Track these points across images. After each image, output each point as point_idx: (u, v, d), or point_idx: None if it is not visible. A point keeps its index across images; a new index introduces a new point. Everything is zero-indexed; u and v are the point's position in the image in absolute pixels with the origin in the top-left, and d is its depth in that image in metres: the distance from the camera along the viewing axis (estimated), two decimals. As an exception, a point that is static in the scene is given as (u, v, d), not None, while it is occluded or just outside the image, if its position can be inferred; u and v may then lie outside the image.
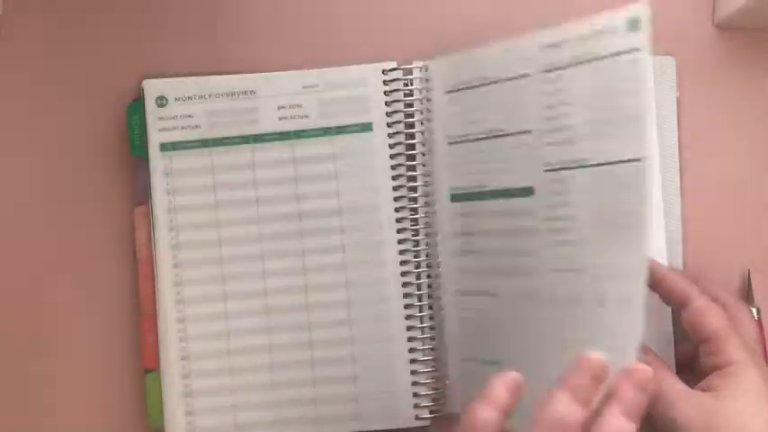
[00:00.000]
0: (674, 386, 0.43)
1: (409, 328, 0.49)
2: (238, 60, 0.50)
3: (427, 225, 0.49)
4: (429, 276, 0.49)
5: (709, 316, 0.44)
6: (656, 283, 0.46)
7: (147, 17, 0.51)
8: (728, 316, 0.45)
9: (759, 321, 0.49)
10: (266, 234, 0.49)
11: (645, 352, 0.46)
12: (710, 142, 0.51)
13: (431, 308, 0.49)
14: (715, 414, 0.42)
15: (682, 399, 0.42)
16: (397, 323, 0.49)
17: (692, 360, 0.46)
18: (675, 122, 0.50)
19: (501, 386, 0.38)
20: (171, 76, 0.49)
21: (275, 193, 0.49)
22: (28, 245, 0.50)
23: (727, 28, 0.51)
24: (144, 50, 0.51)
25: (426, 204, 0.49)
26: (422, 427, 0.49)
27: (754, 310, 0.49)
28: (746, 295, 0.50)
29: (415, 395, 0.48)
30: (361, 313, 0.49)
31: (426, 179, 0.49)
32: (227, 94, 0.49)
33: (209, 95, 0.49)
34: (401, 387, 0.48)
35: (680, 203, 0.50)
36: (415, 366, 0.49)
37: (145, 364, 0.49)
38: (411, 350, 0.49)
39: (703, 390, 0.43)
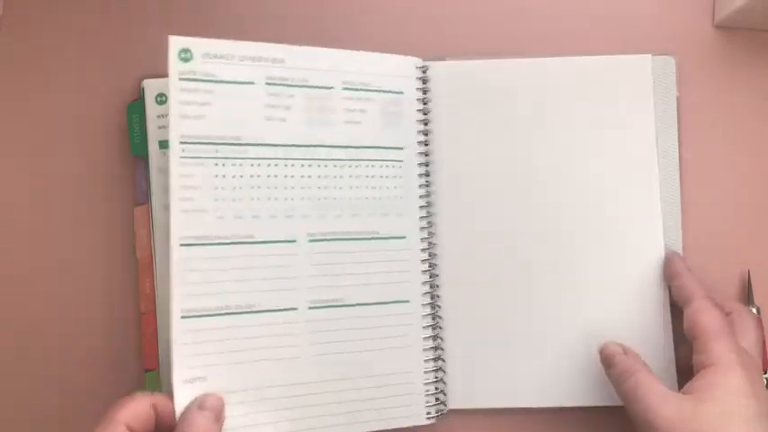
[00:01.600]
0: (653, 389, 0.43)
1: (425, 327, 0.48)
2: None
3: (428, 224, 0.49)
4: (431, 276, 0.49)
5: (705, 315, 0.44)
6: (670, 278, 0.47)
7: (147, 17, 0.51)
8: (730, 320, 0.45)
9: (758, 321, 0.49)
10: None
11: (625, 352, 0.46)
12: (710, 142, 0.51)
13: (432, 307, 0.49)
14: (692, 417, 0.41)
15: (660, 403, 0.42)
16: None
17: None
18: (675, 122, 0.50)
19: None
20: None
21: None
22: (28, 243, 0.50)
23: (727, 28, 0.51)
24: (144, 50, 0.51)
25: (428, 204, 0.49)
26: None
27: (753, 310, 0.49)
28: (746, 295, 0.50)
29: (428, 393, 0.48)
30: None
31: (427, 179, 0.49)
32: None
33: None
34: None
35: (680, 203, 0.50)
36: (427, 365, 0.48)
37: (144, 363, 0.49)
38: (425, 349, 0.48)
39: (686, 392, 0.43)
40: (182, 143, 0.43)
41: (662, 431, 0.41)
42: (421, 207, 0.48)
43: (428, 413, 0.48)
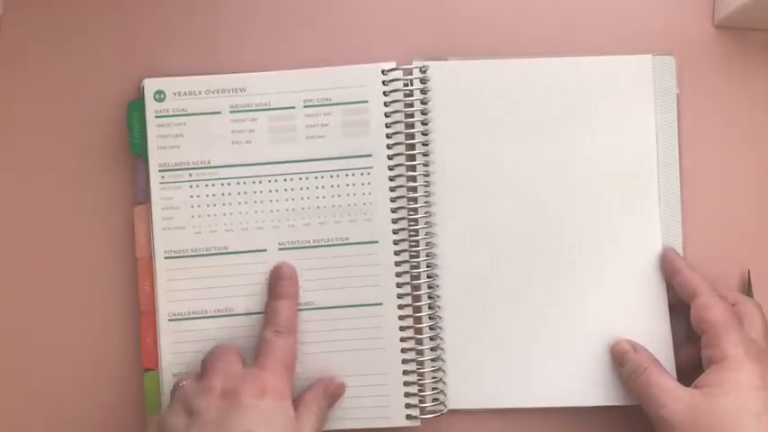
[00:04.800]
0: (664, 385, 0.44)
1: (402, 329, 0.48)
2: (236, 61, 0.51)
3: (427, 225, 0.49)
4: (429, 277, 0.49)
5: (713, 310, 0.44)
6: (671, 275, 0.47)
7: (147, 17, 0.51)
8: (737, 311, 0.45)
9: (762, 311, 0.49)
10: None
11: (636, 349, 0.46)
12: (710, 142, 0.51)
13: (430, 308, 0.49)
14: (704, 412, 0.42)
15: (671, 398, 0.43)
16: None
17: (697, 362, 0.47)
18: (675, 122, 0.50)
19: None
20: (170, 77, 0.50)
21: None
22: (28, 242, 0.50)
23: (727, 28, 0.51)
24: (144, 50, 0.51)
25: (426, 204, 0.49)
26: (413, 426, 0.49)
27: (754, 309, 0.49)
28: (746, 295, 0.50)
29: (407, 395, 0.48)
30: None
31: (426, 179, 0.49)
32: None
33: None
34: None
35: (680, 203, 0.50)
36: (407, 366, 0.48)
37: (143, 363, 0.49)
38: (403, 350, 0.48)
39: (697, 387, 0.43)
40: (160, 171, 0.49)
41: (674, 426, 0.42)
42: (399, 209, 0.49)
43: (408, 414, 0.48)
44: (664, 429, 0.43)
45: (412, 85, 0.49)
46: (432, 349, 0.48)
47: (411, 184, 0.49)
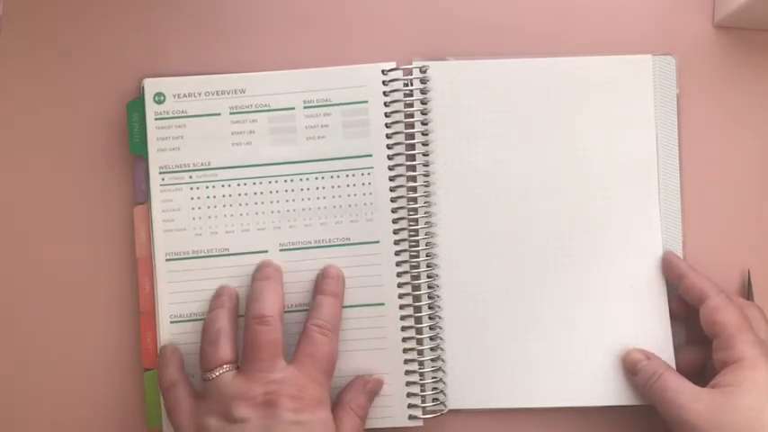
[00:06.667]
0: (682, 388, 0.44)
1: (404, 329, 0.48)
2: (236, 62, 0.51)
3: (427, 224, 0.49)
4: (429, 277, 0.49)
5: (724, 312, 0.44)
6: (676, 279, 0.47)
7: (147, 18, 0.51)
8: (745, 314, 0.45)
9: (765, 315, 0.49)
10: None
11: (648, 357, 0.46)
12: (710, 142, 0.51)
13: (430, 307, 0.49)
14: (725, 410, 0.42)
15: (690, 399, 0.43)
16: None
17: (698, 367, 0.47)
18: (675, 122, 0.50)
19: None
20: (170, 77, 0.50)
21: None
22: (28, 243, 0.50)
23: (727, 28, 0.51)
24: (144, 50, 0.51)
25: (426, 204, 0.49)
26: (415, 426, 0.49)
27: (755, 310, 0.49)
28: (746, 295, 0.50)
29: (409, 395, 0.48)
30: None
31: (426, 179, 0.49)
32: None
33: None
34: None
35: (680, 203, 0.50)
36: (409, 366, 0.48)
37: (144, 363, 0.49)
38: (405, 350, 0.48)
39: (714, 387, 0.43)
40: (161, 173, 0.49)
41: (697, 426, 0.42)
42: (400, 209, 0.49)
43: (411, 414, 0.48)
44: (685, 431, 0.43)
45: (412, 85, 0.49)
46: (432, 349, 0.49)
47: (411, 184, 0.49)
